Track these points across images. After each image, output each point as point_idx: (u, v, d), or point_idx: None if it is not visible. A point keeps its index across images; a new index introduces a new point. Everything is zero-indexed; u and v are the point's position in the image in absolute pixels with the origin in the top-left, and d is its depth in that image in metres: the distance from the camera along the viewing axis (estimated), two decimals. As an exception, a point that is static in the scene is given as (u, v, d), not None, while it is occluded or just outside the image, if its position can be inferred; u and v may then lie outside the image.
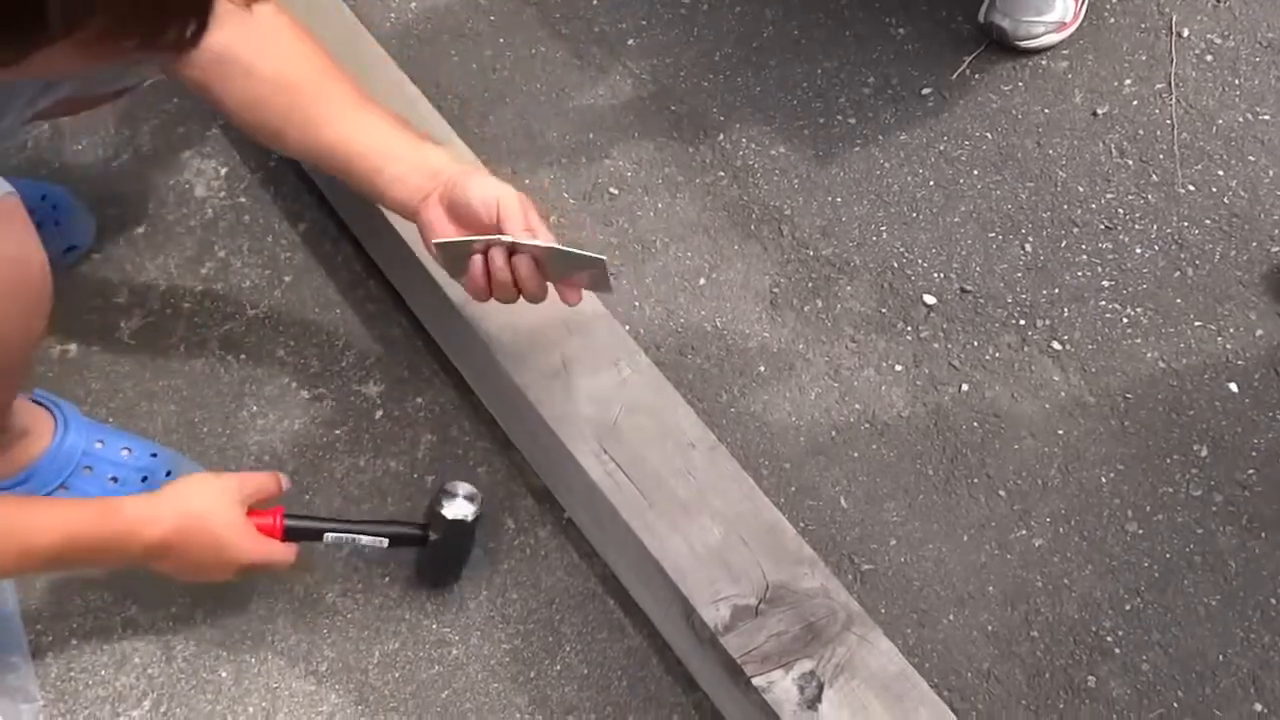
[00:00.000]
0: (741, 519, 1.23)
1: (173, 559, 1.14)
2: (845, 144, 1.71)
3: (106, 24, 0.71)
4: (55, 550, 1.07)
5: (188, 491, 1.15)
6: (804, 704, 1.12)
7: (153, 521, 1.11)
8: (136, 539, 1.11)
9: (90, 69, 0.78)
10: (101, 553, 1.12)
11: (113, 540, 1.10)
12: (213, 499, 1.15)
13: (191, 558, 1.14)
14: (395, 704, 1.27)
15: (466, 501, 1.25)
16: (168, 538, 1.12)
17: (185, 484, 1.16)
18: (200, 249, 1.58)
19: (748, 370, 1.51)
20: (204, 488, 1.16)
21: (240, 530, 1.17)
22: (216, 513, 1.15)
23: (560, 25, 1.83)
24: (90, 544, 1.09)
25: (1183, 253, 1.62)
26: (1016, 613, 1.35)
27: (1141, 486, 1.43)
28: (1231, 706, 1.29)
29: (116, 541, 1.10)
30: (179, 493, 1.15)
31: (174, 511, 1.13)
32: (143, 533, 1.11)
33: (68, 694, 1.26)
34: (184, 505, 1.14)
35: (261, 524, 1.20)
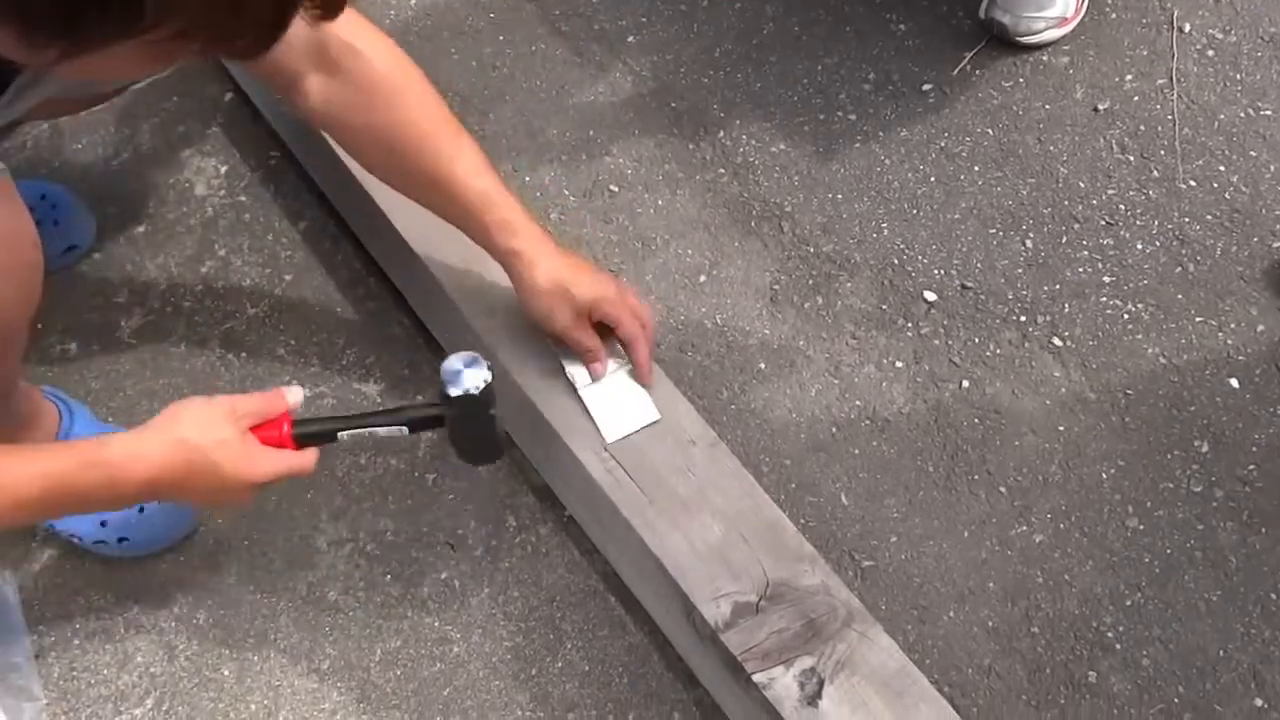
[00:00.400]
0: (742, 516, 1.23)
1: (174, 492, 1.08)
2: (846, 140, 1.71)
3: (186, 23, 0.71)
4: (40, 499, 1.01)
5: (175, 420, 1.07)
6: (804, 700, 1.12)
7: (139, 458, 1.04)
8: (126, 479, 1.04)
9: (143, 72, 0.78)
10: (92, 497, 1.04)
11: (101, 483, 1.03)
12: (202, 423, 1.07)
13: (194, 487, 1.07)
14: (397, 701, 1.27)
15: (471, 372, 1.12)
16: (160, 472, 1.05)
17: (173, 412, 1.08)
18: (200, 248, 1.58)
19: (748, 367, 1.51)
20: (192, 413, 1.08)
21: (240, 451, 1.08)
22: (207, 436, 1.07)
23: (560, 22, 1.83)
24: (77, 489, 1.02)
25: (1184, 248, 1.62)
26: (1017, 608, 1.35)
27: (1142, 482, 1.43)
28: (1232, 701, 1.29)
29: (105, 484, 1.03)
30: (166, 423, 1.07)
31: (161, 444, 1.05)
32: (131, 472, 1.04)
33: (70, 693, 1.27)
34: (172, 435, 1.06)
35: (268, 436, 1.11)
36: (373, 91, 1.18)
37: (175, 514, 1.34)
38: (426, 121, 1.20)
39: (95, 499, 1.05)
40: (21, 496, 1.00)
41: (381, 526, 1.38)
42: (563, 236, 1.60)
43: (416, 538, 1.37)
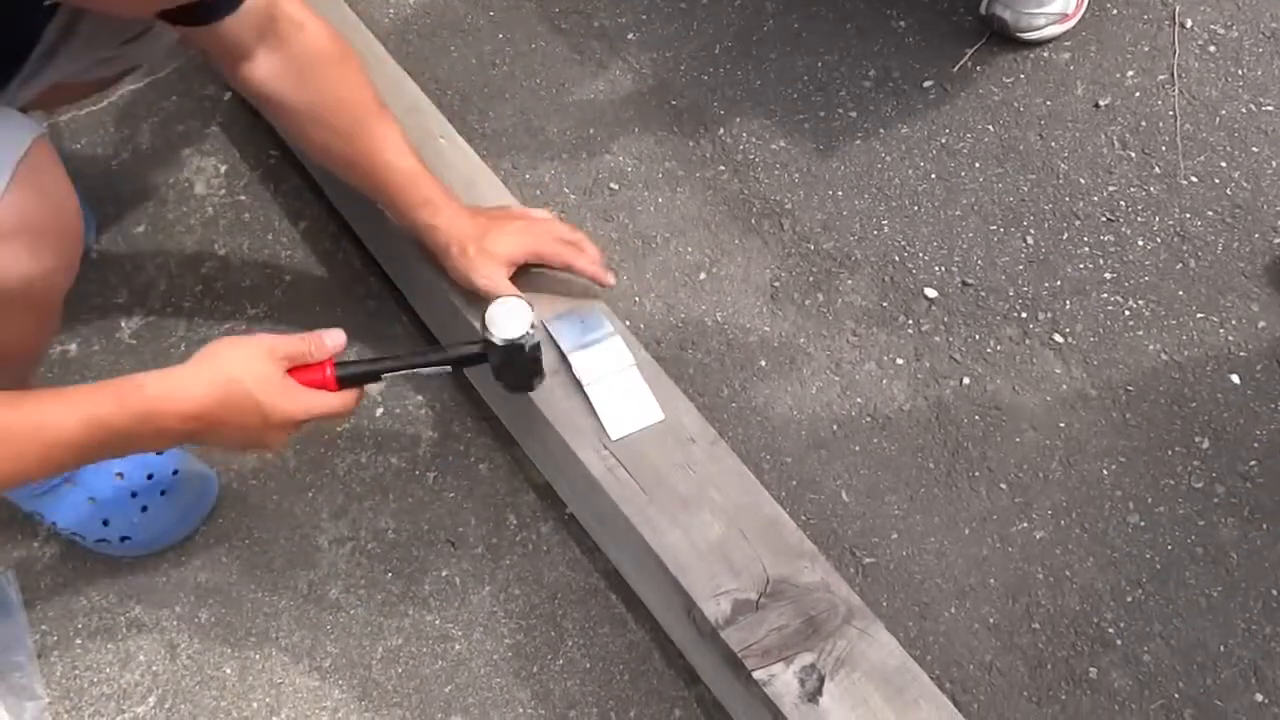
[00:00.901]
0: (742, 513, 1.23)
1: (214, 430, 1.06)
2: (846, 137, 1.71)
3: None
4: (81, 440, 0.98)
5: (218, 357, 1.06)
6: (804, 697, 1.12)
7: (183, 393, 1.02)
8: (168, 415, 1.02)
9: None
10: (134, 436, 1.01)
11: (141, 421, 1.01)
12: (245, 360, 1.06)
13: (234, 425, 1.06)
14: (399, 699, 1.28)
15: (516, 319, 1.14)
16: (201, 409, 1.03)
17: (211, 350, 1.07)
18: (200, 247, 1.58)
19: (749, 365, 1.51)
20: (234, 350, 1.07)
21: (280, 388, 1.07)
22: (251, 374, 1.06)
23: (560, 20, 1.83)
24: (118, 428, 1.00)
25: (1185, 244, 1.62)
26: (1018, 605, 1.35)
27: (1143, 479, 1.43)
28: (1233, 697, 1.29)
29: (145, 421, 1.01)
30: (208, 359, 1.06)
31: (206, 380, 1.04)
32: (173, 407, 1.02)
33: (73, 692, 1.27)
34: (215, 372, 1.04)
35: (311, 378, 1.11)
36: (314, 69, 1.23)
37: (177, 513, 1.34)
38: (361, 101, 1.26)
39: (137, 438, 1.02)
40: (64, 438, 0.97)
41: (382, 525, 1.38)
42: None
43: (417, 536, 1.37)
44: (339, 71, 1.25)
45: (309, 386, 1.11)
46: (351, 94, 1.26)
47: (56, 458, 0.98)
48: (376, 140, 1.26)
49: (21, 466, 0.97)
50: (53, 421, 0.97)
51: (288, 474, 1.41)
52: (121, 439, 1.01)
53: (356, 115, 1.26)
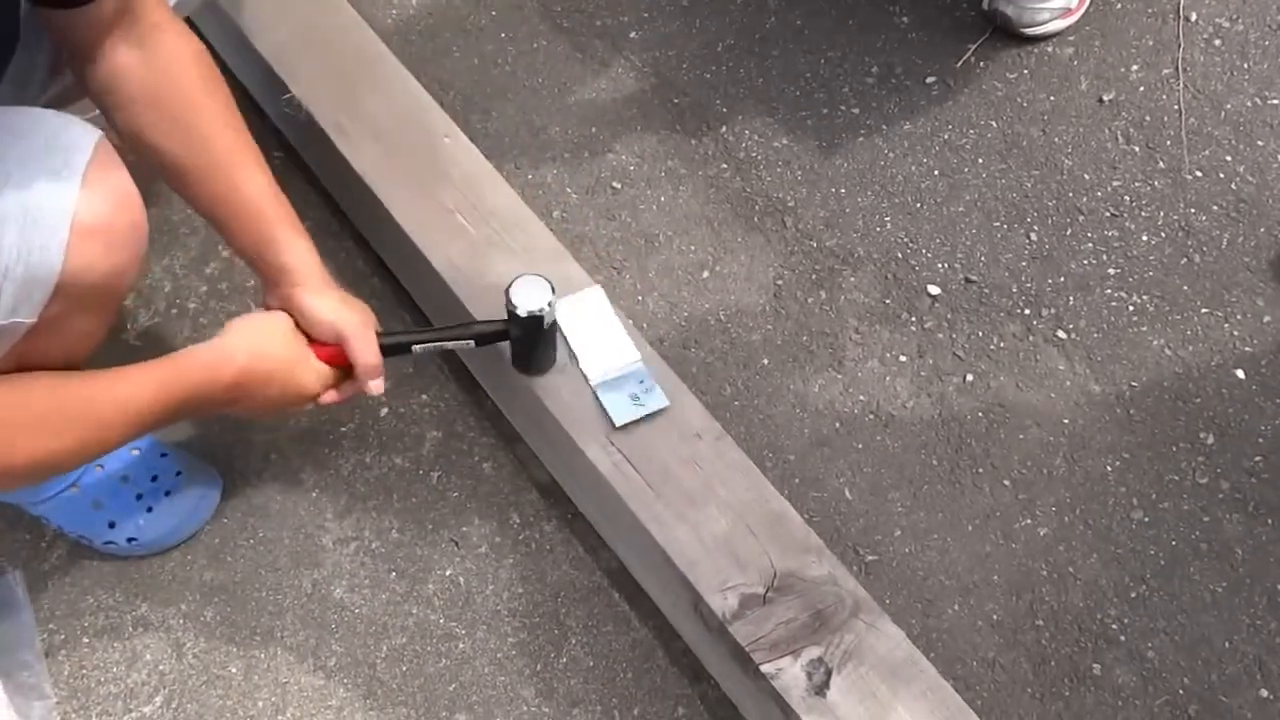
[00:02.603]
0: (748, 508, 1.23)
1: (250, 395, 1.16)
2: (849, 134, 1.71)
3: None
4: (154, 407, 1.08)
5: (251, 328, 1.17)
6: (812, 690, 1.13)
7: (229, 360, 1.13)
8: (216, 384, 1.12)
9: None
10: (190, 403, 1.12)
11: (197, 388, 1.11)
12: (275, 329, 1.18)
13: (267, 391, 1.16)
14: (403, 698, 1.28)
15: (538, 294, 1.20)
16: (243, 376, 1.13)
17: (246, 322, 1.18)
18: (205, 249, 1.59)
19: (751, 363, 1.51)
20: (266, 323, 1.18)
21: (302, 360, 1.19)
22: (281, 344, 1.17)
23: (562, 19, 1.83)
24: (181, 396, 1.10)
25: (1190, 239, 1.61)
26: (1022, 602, 1.35)
27: (1147, 475, 1.43)
28: (1237, 693, 1.29)
29: (200, 388, 1.11)
30: (243, 330, 1.17)
31: (245, 349, 1.14)
32: (220, 374, 1.12)
33: (80, 691, 1.28)
34: (251, 342, 1.15)
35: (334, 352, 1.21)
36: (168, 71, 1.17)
37: (182, 514, 1.35)
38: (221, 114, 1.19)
39: (193, 405, 1.12)
40: (142, 407, 1.07)
41: (386, 524, 1.39)
42: (565, 234, 1.60)
43: (421, 535, 1.38)
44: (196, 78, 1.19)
45: (343, 356, 1.20)
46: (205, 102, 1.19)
47: (135, 424, 1.08)
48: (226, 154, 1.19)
49: (107, 435, 1.07)
50: (131, 393, 1.07)
51: (292, 474, 1.42)
52: (182, 406, 1.11)
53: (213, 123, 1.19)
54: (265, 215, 1.20)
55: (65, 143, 1.04)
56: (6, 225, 0.98)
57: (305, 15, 1.58)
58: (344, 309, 1.21)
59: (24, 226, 0.99)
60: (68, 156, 1.03)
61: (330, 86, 1.52)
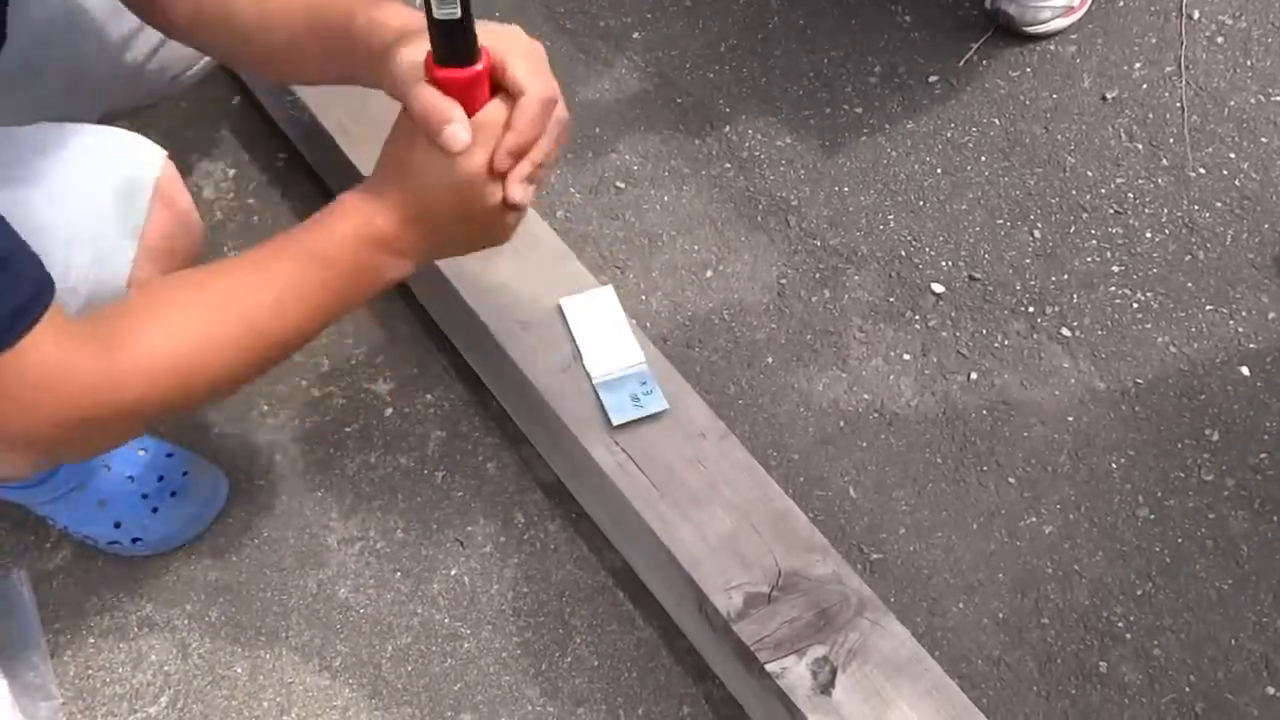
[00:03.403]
0: (753, 507, 1.23)
1: (423, 227, 0.93)
2: (852, 133, 1.71)
3: None
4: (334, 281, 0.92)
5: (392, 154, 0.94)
6: (817, 689, 1.13)
7: (377, 200, 0.93)
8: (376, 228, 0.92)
9: None
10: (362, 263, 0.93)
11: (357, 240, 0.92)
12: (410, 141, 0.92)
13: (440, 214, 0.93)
14: (408, 698, 1.28)
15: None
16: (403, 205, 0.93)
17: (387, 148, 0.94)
18: (210, 251, 1.59)
19: (755, 362, 1.51)
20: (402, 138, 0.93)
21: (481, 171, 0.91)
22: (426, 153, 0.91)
23: (564, 20, 1.83)
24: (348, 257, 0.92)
25: (1193, 236, 1.61)
26: (1027, 600, 1.34)
27: (1153, 472, 1.43)
28: (1244, 690, 1.29)
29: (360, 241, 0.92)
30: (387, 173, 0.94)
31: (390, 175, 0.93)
32: (375, 217, 0.92)
33: (86, 691, 1.28)
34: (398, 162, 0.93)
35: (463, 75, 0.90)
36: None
37: (188, 514, 1.35)
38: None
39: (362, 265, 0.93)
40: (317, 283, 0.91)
41: (391, 524, 1.39)
42: (569, 234, 1.60)
43: (426, 535, 1.38)
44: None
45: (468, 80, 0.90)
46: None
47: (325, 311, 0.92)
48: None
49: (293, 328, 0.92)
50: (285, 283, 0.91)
51: (297, 474, 1.42)
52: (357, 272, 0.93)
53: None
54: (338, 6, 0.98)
55: (134, 160, 1.04)
56: (75, 247, 0.98)
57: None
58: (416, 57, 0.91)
59: (95, 249, 0.99)
60: (137, 176, 1.03)
61: (334, 88, 1.52)
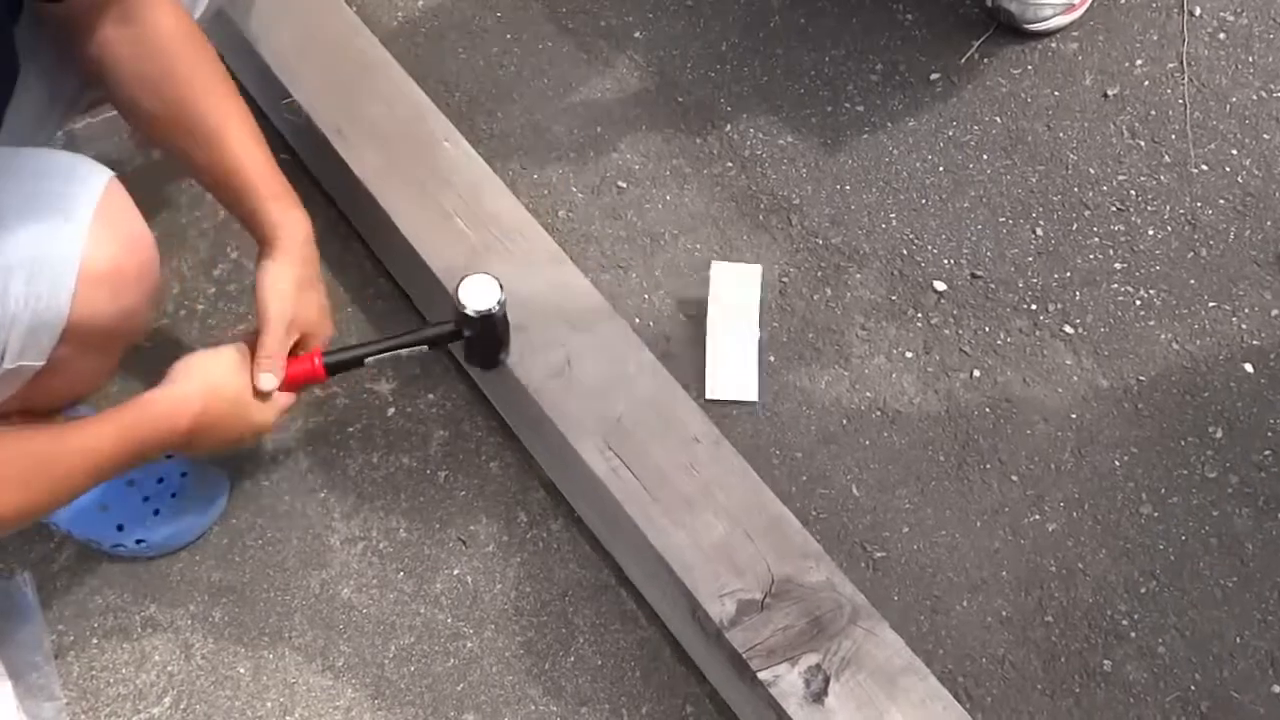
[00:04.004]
0: (746, 513, 1.23)
1: (207, 435, 1.16)
2: (853, 131, 1.71)
3: None
4: (116, 455, 1.10)
5: (202, 369, 1.17)
6: (810, 698, 1.12)
7: (185, 405, 1.14)
8: (175, 428, 1.13)
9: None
10: (150, 447, 1.13)
11: (157, 434, 1.12)
12: (225, 370, 1.18)
13: (223, 430, 1.17)
14: (411, 697, 1.28)
15: (486, 293, 1.23)
16: (199, 417, 1.14)
17: (197, 361, 1.18)
18: (213, 251, 1.59)
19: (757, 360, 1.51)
20: (216, 361, 1.18)
21: (252, 399, 1.19)
22: (234, 381, 1.18)
23: (566, 20, 1.83)
24: (142, 440, 1.11)
25: (1196, 233, 1.61)
26: (1031, 598, 1.34)
27: (1156, 469, 1.42)
28: (1249, 688, 1.28)
29: (159, 434, 1.13)
30: (194, 371, 1.17)
31: (199, 393, 1.15)
32: (178, 420, 1.13)
33: (89, 692, 1.28)
34: (204, 384, 1.16)
35: (299, 368, 1.22)
36: (160, 44, 1.17)
37: (190, 515, 1.35)
38: (209, 81, 1.20)
39: (152, 449, 1.14)
40: (105, 457, 1.09)
41: (394, 524, 1.39)
42: (571, 233, 1.60)
43: (428, 535, 1.38)
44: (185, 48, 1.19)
45: (297, 376, 1.22)
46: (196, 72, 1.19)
47: (96, 473, 1.10)
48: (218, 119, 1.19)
49: (73, 484, 1.09)
50: (94, 444, 1.09)
51: (300, 475, 1.42)
52: (142, 452, 1.13)
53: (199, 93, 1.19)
54: (248, 183, 1.20)
55: (73, 185, 1.04)
56: (13, 274, 0.99)
57: (307, 20, 1.59)
58: (287, 295, 1.20)
59: (31, 274, 0.99)
60: (75, 200, 1.03)
61: (331, 91, 1.53)
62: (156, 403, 1.14)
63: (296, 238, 1.22)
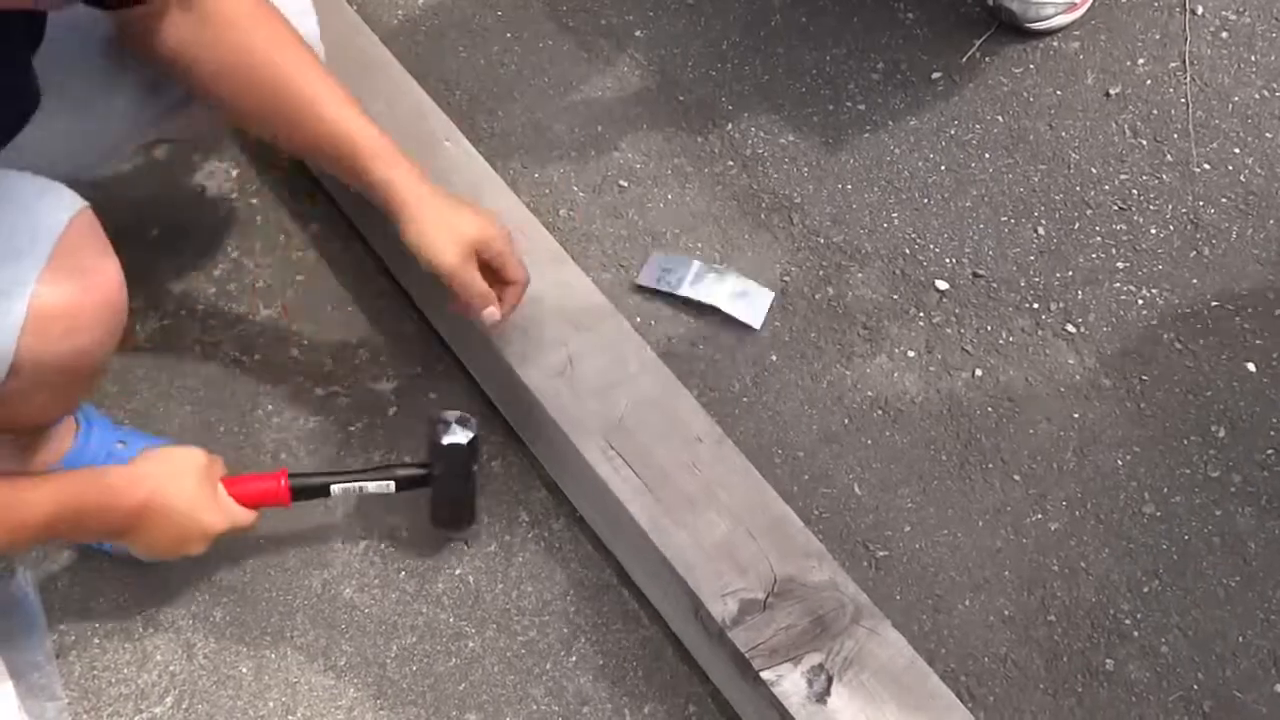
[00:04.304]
0: (749, 512, 1.23)
1: (148, 528, 1.14)
2: (855, 130, 1.71)
3: None
4: (48, 522, 1.07)
5: (162, 461, 1.16)
6: (813, 697, 1.12)
7: (133, 487, 1.12)
8: (116, 507, 1.11)
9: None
10: (89, 522, 1.12)
11: (98, 509, 1.11)
12: (188, 464, 1.17)
13: (165, 527, 1.15)
14: (413, 697, 1.28)
15: (460, 427, 1.24)
16: (144, 505, 1.12)
17: (161, 454, 1.17)
18: (213, 250, 1.59)
19: (760, 359, 1.51)
20: (180, 459, 1.17)
21: (208, 501, 1.18)
22: (191, 483, 1.16)
23: (567, 18, 1.83)
24: (81, 511, 1.10)
25: (1198, 232, 1.61)
26: (1033, 597, 1.34)
27: (1158, 468, 1.42)
28: (1252, 688, 1.28)
29: (101, 511, 1.11)
30: (154, 461, 1.16)
31: (151, 481, 1.13)
32: (121, 500, 1.11)
33: (91, 692, 1.28)
34: (159, 474, 1.14)
35: (265, 486, 1.22)
36: (229, 26, 1.15)
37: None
38: (288, 57, 1.17)
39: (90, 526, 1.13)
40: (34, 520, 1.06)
41: (395, 523, 1.39)
42: (572, 233, 1.60)
43: (430, 534, 1.38)
44: (257, 26, 1.16)
45: (261, 495, 1.22)
46: (274, 49, 1.16)
47: (23, 537, 1.08)
48: (306, 94, 1.16)
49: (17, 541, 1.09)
50: (30, 507, 1.06)
51: (301, 474, 1.42)
52: (80, 521, 1.11)
53: (282, 70, 1.16)
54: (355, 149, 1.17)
55: (36, 216, 1.01)
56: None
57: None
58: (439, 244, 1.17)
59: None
60: (35, 232, 1.00)
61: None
62: (107, 474, 1.13)
63: (412, 186, 1.17)
